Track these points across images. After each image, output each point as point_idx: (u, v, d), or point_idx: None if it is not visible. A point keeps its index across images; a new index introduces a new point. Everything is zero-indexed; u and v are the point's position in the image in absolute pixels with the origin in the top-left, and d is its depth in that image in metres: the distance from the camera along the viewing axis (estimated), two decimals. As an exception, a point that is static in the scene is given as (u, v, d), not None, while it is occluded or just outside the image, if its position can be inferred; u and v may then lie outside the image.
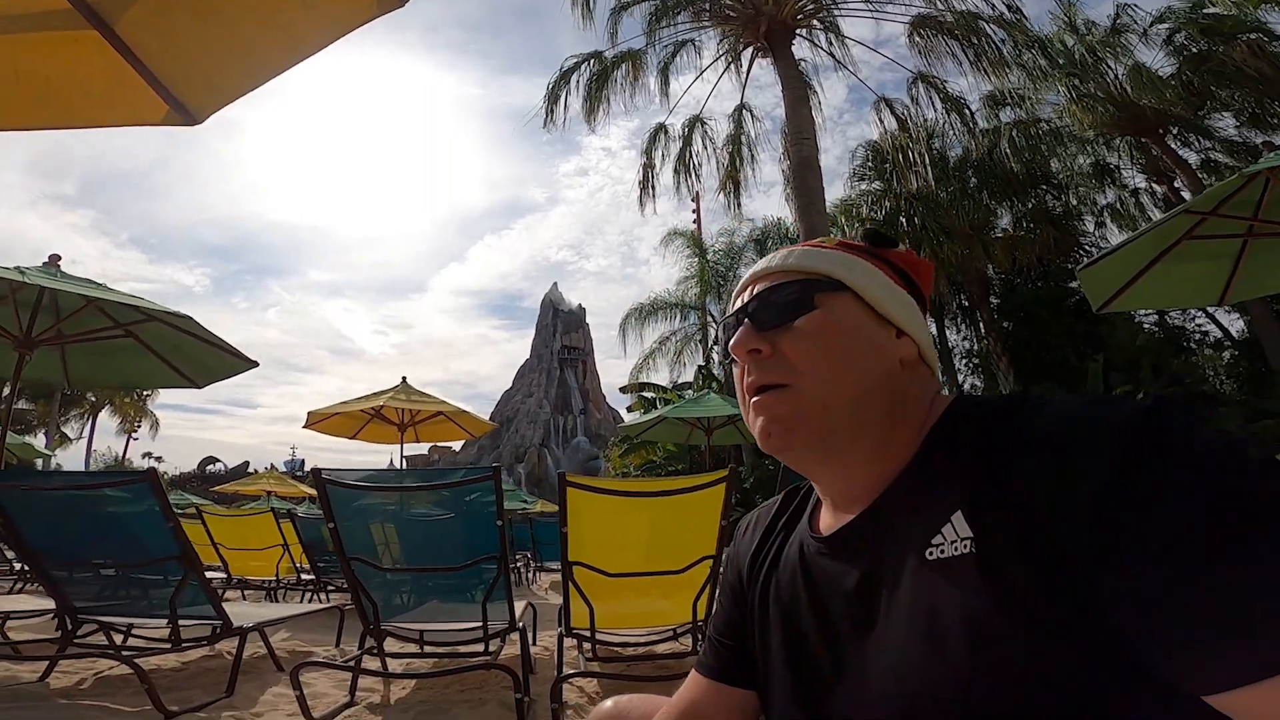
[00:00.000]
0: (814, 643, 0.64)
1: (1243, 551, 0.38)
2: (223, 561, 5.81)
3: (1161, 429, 0.45)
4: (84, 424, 35.47)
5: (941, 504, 0.54)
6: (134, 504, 2.61)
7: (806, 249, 0.70)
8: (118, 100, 1.96)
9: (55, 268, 4.68)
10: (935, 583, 0.52)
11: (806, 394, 0.61)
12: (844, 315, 0.64)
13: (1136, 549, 0.42)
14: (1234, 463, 0.42)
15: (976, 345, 17.53)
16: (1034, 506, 0.48)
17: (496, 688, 2.62)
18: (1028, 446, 0.50)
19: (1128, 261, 3.97)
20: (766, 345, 0.64)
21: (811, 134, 7.83)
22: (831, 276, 0.66)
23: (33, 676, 2.64)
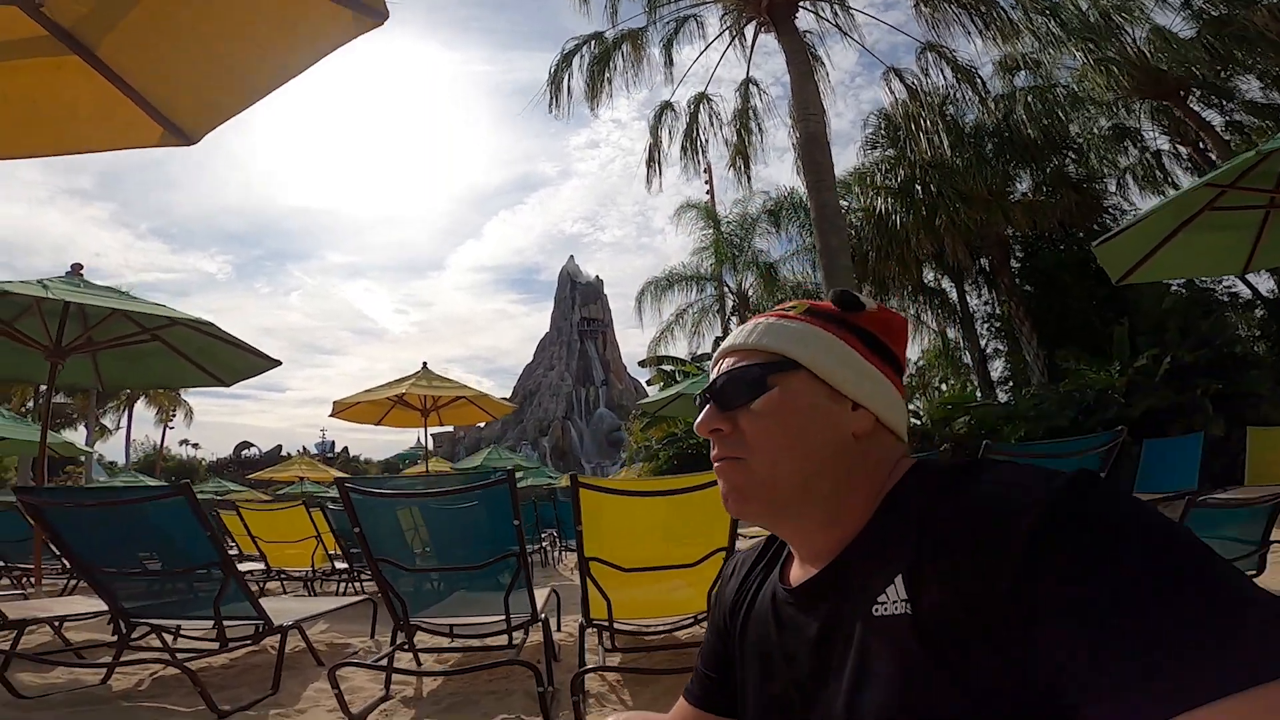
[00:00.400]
0: (785, 686, 0.70)
1: (1155, 598, 0.42)
2: (261, 554, 6.01)
3: (1075, 501, 0.50)
4: (121, 415, 36.49)
5: (889, 565, 0.59)
6: (171, 516, 2.74)
7: (772, 323, 0.74)
8: (110, 124, 2.00)
9: (78, 277, 4.77)
10: (877, 638, 0.59)
11: (756, 470, 0.68)
12: (799, 394, 0.69)
13: (1053, 612, 0.46)
14: (1140, 530, 0.47)
15: (998, 309, 17.24)
16: (961, 576, 0.53)
17: (522, 678, 2.73)
18: (958, 519, 0.55)
19: (1146, 234, 3.92)
20: (727, 424, 0.70)
21: (819, 109, 7.68)
22: (787, 357, 0.70)
23: (95, 679, 2.80)
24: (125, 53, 1.81)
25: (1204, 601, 0.41)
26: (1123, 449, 3.27)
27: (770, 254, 19.91)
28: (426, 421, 9.02)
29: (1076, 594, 0.45)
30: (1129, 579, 0.44)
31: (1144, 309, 11.75)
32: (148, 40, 1.81)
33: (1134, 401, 10.04)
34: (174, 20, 1.82)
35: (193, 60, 1.89)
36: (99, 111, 1.96)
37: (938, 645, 0.53)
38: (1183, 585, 0.42)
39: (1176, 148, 14.66)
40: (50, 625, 3.49)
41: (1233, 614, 0.41)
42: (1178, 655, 0.40)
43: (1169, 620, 0.41)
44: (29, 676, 2.82)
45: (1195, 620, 0.41)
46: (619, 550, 2.66)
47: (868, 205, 14.87)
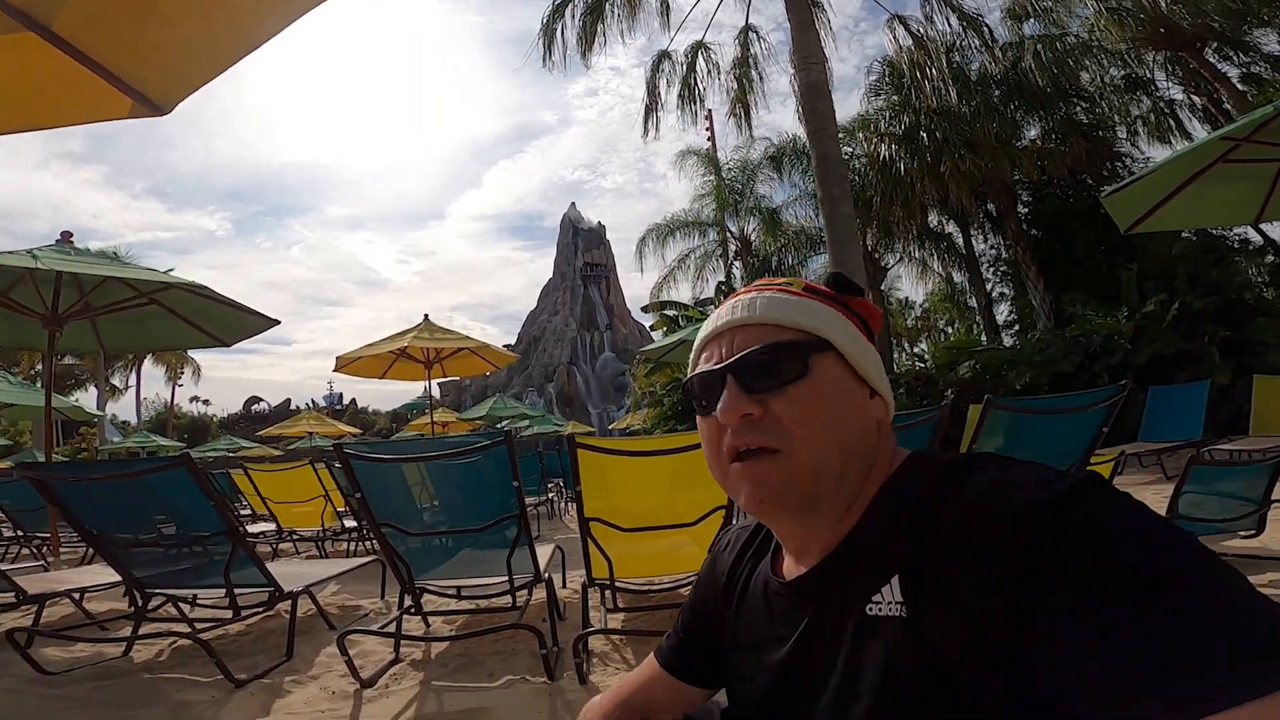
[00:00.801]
0: (776, 679, 0.70)
1: (1158, 608, 0.41)
2: (272, 515, 6.12)
3: (1078, 508, 0.48)
4: (129, 374, 36.78)
5: (885, 565, 0.58)
6: (175, 486, 2.76)
7: (778, 296, 0.69)
8: (78, 98, 1.95)
9: (69, 245, 4.77)
10: (869, 638, 0.58)
11: (798, 460, 0.62)
12: (832, 377, 0.65)
13: (1056, 622, 0.45)
14: (1139, 534, 0.46)
15: (1004, 253, 17.02)
16: (959, 582, 0.51)
17: (528, 638, 2.79)
18: (957, 522, 0.54)
19: (1157, 185, 3.86)
20: (758, 408, 0.63)
21: (820, 58, 7.40)
22: (820, 336, 0.66)
23: (117, 652, 2.87)
24: (82, 26, 1.75)
25: (1210, 611, 0.41)
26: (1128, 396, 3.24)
27: (773, 199, 19.61)
28: (430, 374, 9.06)
29: (1080, 603, 0.44)
30: (1134, 588, 0.43)
31: (1153, 255, 11.57)
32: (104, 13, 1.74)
33: (1140, 347, 9.99)
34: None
35: (153, 31, 1.82)
36: (64, 87, 1.90)
37: (931, 654, 0.52)
38: (1188, 595, 0.42)
39: (1191, 98, 14.21)
40: (70, 598, 3.55)
41: (1238, 623, 0.40)
42: (1184, 665, 0.39)
43: (1175, 631, 0.40)
44: (53, 651, 2.90)
45: (1201, 630, 0.40)
46: (619, 510, 2.67)
47: (871, 151, 14.53)
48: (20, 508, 5.83)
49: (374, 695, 2.32)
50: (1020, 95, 13.49)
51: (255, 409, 57.62)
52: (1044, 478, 0.53)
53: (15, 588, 2.97)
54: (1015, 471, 0.55)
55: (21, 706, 2.29)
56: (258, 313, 5.64)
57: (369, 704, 2.24)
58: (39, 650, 2.80)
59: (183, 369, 38.07)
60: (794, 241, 18.39)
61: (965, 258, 17.59)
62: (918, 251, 18.44)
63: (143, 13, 1.75)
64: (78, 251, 4.77)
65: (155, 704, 2.27)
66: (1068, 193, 14.79)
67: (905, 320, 31.71)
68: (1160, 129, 14.00)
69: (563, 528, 7.46)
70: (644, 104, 12.40)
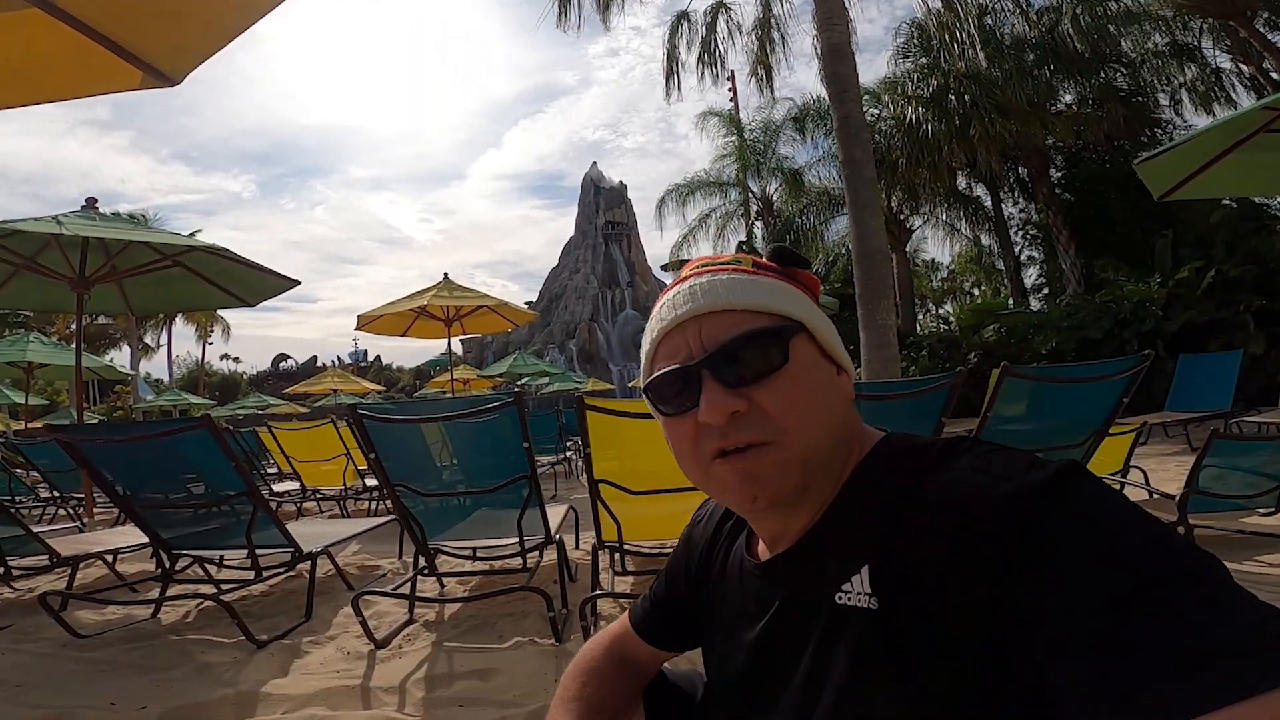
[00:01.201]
0: (747, 662, 0.70)
1: (1140, 606, 0.40)
2: (296, 474, 6.30)
3: (1059, 498, 0.47)
4: (161, 333, 37.61)
5: (854, 553, 0.57)
6: (198, 448, 2.84)
7: (739, 278, 0.64)
8: (88, 71, 1.97)
9: (93, 210, 4.85)
10: (838, 628, 0.57)
11: (790, 449, 0.59)
12: (808, 359, 0.62)
13: (1036, 617, 0.44)
14: (1118, 531, 0.44)
15: (1035, 217, 16.54)
16: (933, 575, 0.50)
17: (538, 601, 2.86)
18: (932, 511, 0.52)
19: (1193, 153, 3.74)
20: (744, 403, 0.59)
21: (843, 19, 7.11)
22: (794, 318, 0.62)
23: (146, 614, 2.99)
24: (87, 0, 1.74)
25: (1196, 608, 0.40)
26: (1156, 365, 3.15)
27: (795, 160, 19.18)
28: (450, 331, 9.15)
29: (1064, 599, 0.43)
30: (1119, 584, 0.42)
31: (1190, 222, 11.17)
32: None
33: (1173, 315, 9.73)
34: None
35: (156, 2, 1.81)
36: (73, 60, 1.93)
37: (901, 648, 0.51)
38: (1173, 591, 0.41)
39: (1239, 66, 13.51)
40: (103, 560, 3.69)
41: (1224, 620, 0.39)
42: (1169, 666, 0.38)
43: (1161, 628, 0.39)
44: (86, 614, 3.03)
45: (1187, 627, 0.39)
46: (628, 472, 2.68)
47: (898, 114, 14.10)
48: (56, 469, 6.06)
49: (387, 656, 2.41)
50: (1056, 60, 12.98)
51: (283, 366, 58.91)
52: (1022, 465, 0.51)
53: (50, 551, 3.08)
54: (993, 459, 0.53)
55: (55, 671, 2.39)
56: (278, 273, 5.74)
57: (382, 664, 2.33)
58: (72, 613, 2.92)
59: (213, 327, 38.81)
60: (816, 202, 18.04)
61: (994, 221, 17.14)
62: (945, 214, 18.00)
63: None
64: (102, 217, 4.86)
65: (181, 665, 2.38)
66: (1104, 158, 14.29)
67: (930, 282, 31.12)
68: (1206, 98, 13.38)
69: (579, 487, 7.54)
70: (663, 65, 12.10)
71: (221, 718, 1.96)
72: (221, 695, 2.07)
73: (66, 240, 4.69)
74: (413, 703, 2.01)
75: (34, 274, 5.11)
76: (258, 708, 2.00)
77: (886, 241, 7.22)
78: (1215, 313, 9.33)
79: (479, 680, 2.14)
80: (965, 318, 14.27)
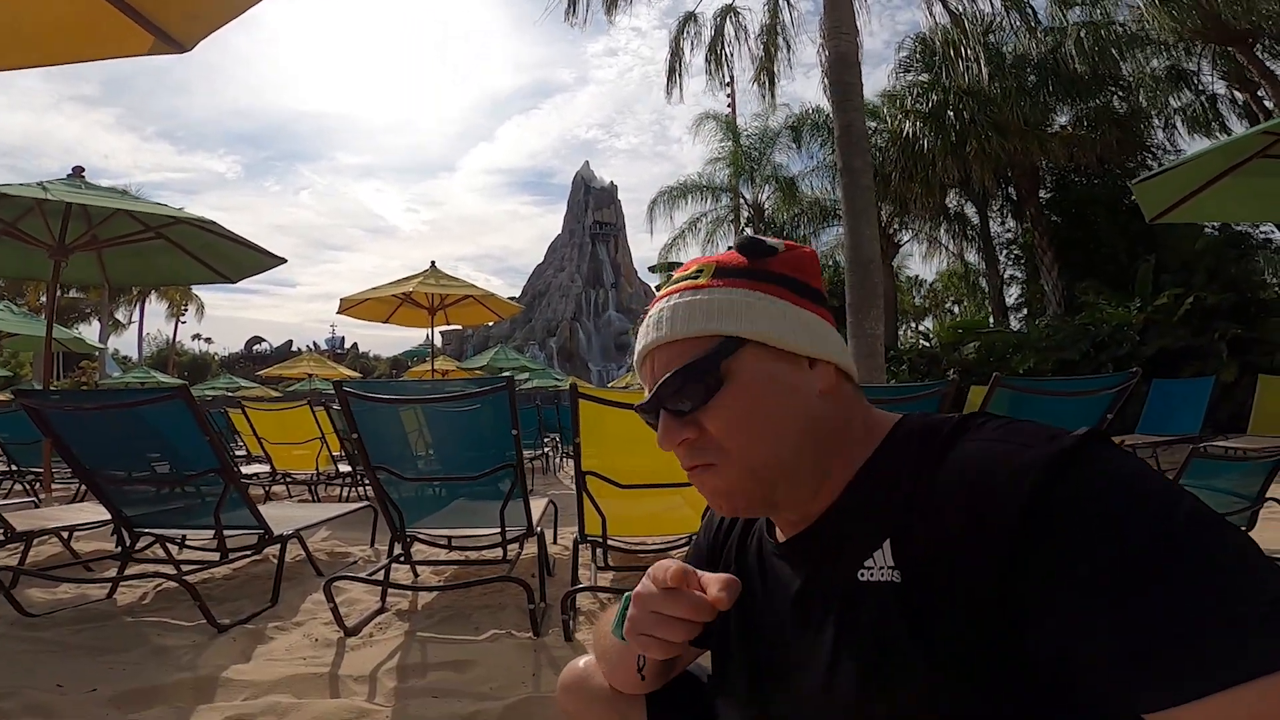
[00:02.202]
0: (767, 646, 0.69)
1: (1162, 578, 0.40)
2: (267, 456, 6.15)
3: (1079, 467, 0.46)
4: (133, 310, 36.82)
5: (875, 529, 0.57)
6: (171, 419, 2.72)
7: (681, 302, 0.65)
8: (99, 34, 1.92)
9: (79, 179, 4.80)
10: (860, 604, 0.57)
11: (734, 469, 0.62)
12: (755, 372, 0.62)
13: (1055, 589, 0.44)
14: (1139, 501, 0.44)
15: (1021, 237, 16.79)
16: (953, 545, 0.50)
17: (516, 592, 2.80)
18: (951, 482, 0.52)
19: (1190, 176, 3.77)
20: (692, 431, 0.63)
21: (851, 28, 7.14)
22: (728, 335, 0.62)
23: (101, 594, 2.86)
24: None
25: (1218, 582, 0.39)
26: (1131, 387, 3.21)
27: (789, 169, 19.25)
28: (433, 320, 9.07)
29: (1081, 570, 0.43)
30: (1139, 554, 0.41)
31: (1174, 248, 11.37)
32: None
33: (1148, 340, 9.88)
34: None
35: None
36: (85, 22, 1.88)
37: (924, 620, 0.51)
38: (1192, 565, 0.40)
39: (1233, 93, 13.84)
40: (58, 536, 3.53)
41: (1248, 596, 0.38)
42: (1183, 642, 0.38)
43: (1181, 601, 0.39)
44: (36, 592, 2.88)
45: (1208, 602, 0.39)
46: (617, 464, 2.64)
47: (895, 128, 14.23)
48: (15, 441, 5.85)
49: (357, 644, 2.32)
50: (1055, 80, 13.14)
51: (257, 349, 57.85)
52: (1044, 434, 0.51)
53: (4, 524, 2.94)
54: (1013, 428, 0.54)
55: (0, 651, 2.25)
56: (264, 250, 5.62)
57: (351, 652, 2.24)
58: (22, 591, 2.77)
59: (186, 306, 38.09)
60: (809, 212, 18.13)
61: (981, 239, 17.35)
62: (932, 230, 18.19)
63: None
64: (89, 185, 4.77)
65: (136, 648, 2.26)
66: (1093, 181, 14.51)
67: (913, 298, 31.49)
68: (1199, 122, 13.65)
69: (557, 483, 7.51)
70: (667, 65, 12.10)
71: (177, 702, 1.85)
72: (178, 680, 1.96)
73: (50, 206, 4.58)
74: (384, 692, 1.92)
75: (12, 239, 4.96)
76: (217, 693, 1.90)
77: (879, 251, 7.25)
78: (1191, 339, 9.49)
79: (454, 671, 2.06)
80: (946, 334, 14.42)
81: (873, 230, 7.02)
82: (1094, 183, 14.51)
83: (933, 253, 19.73)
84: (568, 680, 0.92)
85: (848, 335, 6.96)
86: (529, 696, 1.84)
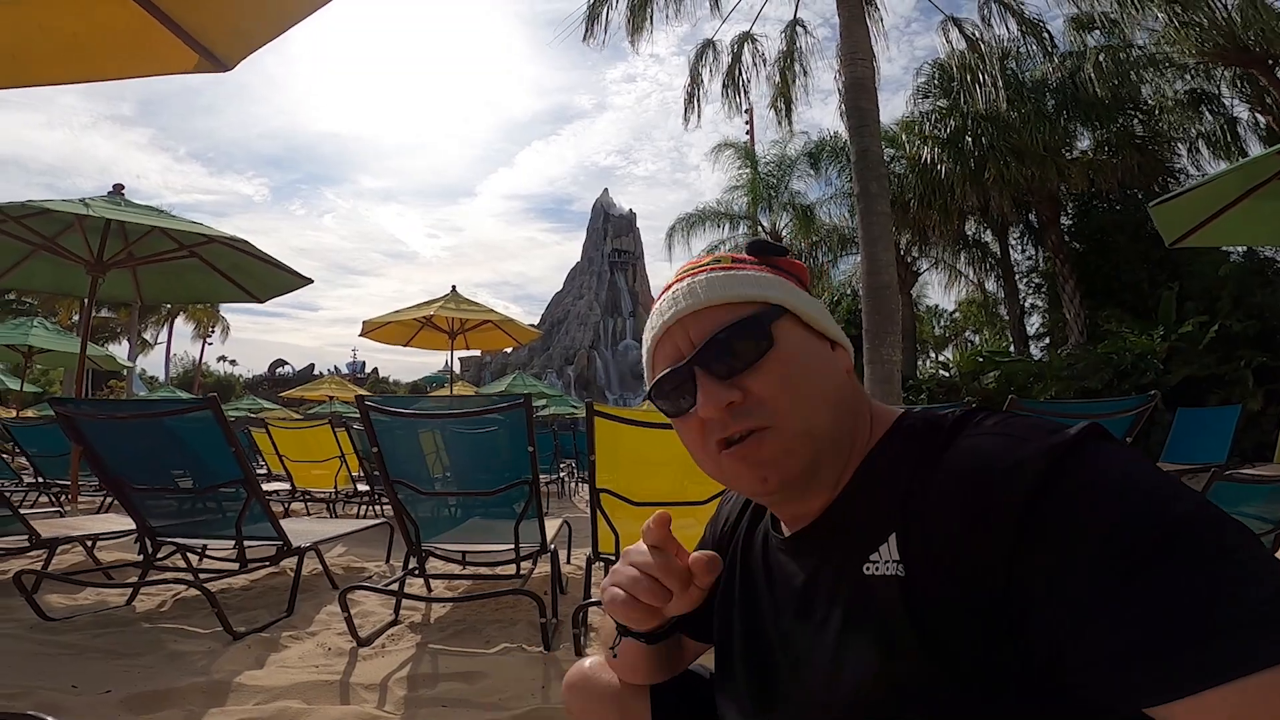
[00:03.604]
0: (770, 640, 0.69)
1: (1161, 571, 0.40)
2: (287, 474, 6.22)
3: (1079, 460, 0.47)
4: (160, 330, 37.61)
5: (880, 522, 0.57)
6: (199, 430, 2.78)
7: (715, 275, 0.66)
8: (147, 51, 1.99)
9: (120, 196, 4.94)
10: (865, 598, 0.57)
11: (791, 429, 0.60)
12: (796, 339, 0.64)
13: (1054, 583, 0.44)
14: (1141, 493, 0.44)
15: (1041, 265, 16.65)
16: (956, 539, 0.50)
17: (527, 608, 2.81)
18: (955, 475, 0.52)
19: (1209, 198, 3.72)
20: (738, 394, 0.60)
21: (867, 54, 7.22)
22: (773, 303, 0.63)
23: (120, 600, 2.91)
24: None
25: (1219, 575, 0.39)
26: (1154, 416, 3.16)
27: (807, 196, 19.37)
28: (453, 344, 9.18)
29: (1081, 563, 0.43)
30: (1139, 546, 0.41)
31: (1198, 275, 11.23)
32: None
33: (1173, 368, 9.72)
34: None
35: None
36: (136, 39, 1.95)
37: (927, 614, 0.51)
38: (1197, 556, 0.40)
39: (1255, 116, 13.70)
40: (82, 545, 3.59)
41: (1241, 592, 0.38)
42: (1181, 636, 0.38)
43: (1182, 594, 0.39)
44: (58, 598, 2.94)
45: (1209, 595, 0.39)
46: (631, 483, 2.65)
47: (913, 154, 14.27)
48: (43, 454, 5.98)
49: (369, 654, 2.34)
50: (1075, 104, 13.11)
51: (279, 371, 58.69)
52: (1046, 428, 0.51)
53: (30, 530, 3.00)
54: (1014, 423, 0.54)
55: (16, 653, 2.28)
56: (292, 270, 5.74)
57: (363, 662, 2.26)
58: (44, 596, 2.83)
59: (213, 327, 38.81)
60: (826, 240, 18.18)
61: (1001, 266, 17.23)
62: (951, 258, 18.11)
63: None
64: (127, 203, 4.92)
65: (152, 653, 2.29)
66: (1115, 206, 14.41)
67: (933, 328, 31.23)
68: (1221, 146, 13.53)
69: (571, 507, 7.49)
70: (686, 91, 12.29)
71: (189, 705, 1.87)
72: (191, 684, 1.99)
73: (90, 223, 4.72)
74: (393, 701, 1.93)
75: (52, 255, 5.12)
76: (228, 698, 1.92)
77: (896, 276, 7.23)
78: (1216, 368, 9.32)
79: (463, 682, 2.06)
80: (965, 363, 14.28)
81: (890, 255, 7.02)
82: (1115, 208, 14.41)
83: (952, 281, 19.61)
84: (573, 679, 0.93)
85: (864, 362, 6.92)
86: (537, 708, 1.84)
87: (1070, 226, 15.06)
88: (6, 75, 2.00)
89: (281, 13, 1.98)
